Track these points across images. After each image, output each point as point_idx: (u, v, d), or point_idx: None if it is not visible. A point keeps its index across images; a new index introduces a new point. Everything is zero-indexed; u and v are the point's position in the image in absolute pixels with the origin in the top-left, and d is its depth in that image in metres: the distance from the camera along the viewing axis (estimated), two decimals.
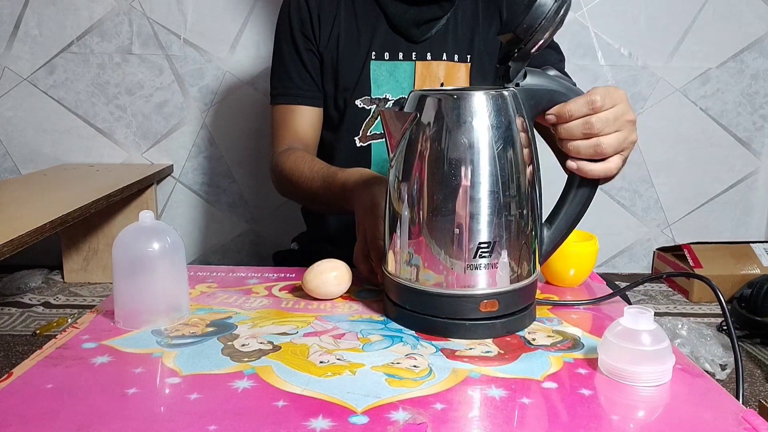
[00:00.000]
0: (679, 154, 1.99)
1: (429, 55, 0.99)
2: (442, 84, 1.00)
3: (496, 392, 0.50)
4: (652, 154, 1.99)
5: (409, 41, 0.98)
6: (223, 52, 1.85)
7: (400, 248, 0.63)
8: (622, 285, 0.76)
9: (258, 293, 0.74)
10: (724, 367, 1.38)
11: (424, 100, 0.59)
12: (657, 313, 1.06)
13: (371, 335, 0.62)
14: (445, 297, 0.60)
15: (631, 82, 1.92)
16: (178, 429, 0.44)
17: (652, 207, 2.04)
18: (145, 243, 0.62)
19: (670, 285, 1.99)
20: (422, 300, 0.61)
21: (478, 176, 0.58)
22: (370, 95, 0.98)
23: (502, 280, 0.60)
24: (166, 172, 1.91)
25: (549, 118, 0.62)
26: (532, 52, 0.59)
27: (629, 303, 0.81)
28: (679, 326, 1.49)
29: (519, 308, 0.62)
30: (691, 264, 1.91)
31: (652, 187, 2.02)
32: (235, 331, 0.62)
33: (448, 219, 0.59)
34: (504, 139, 0.58)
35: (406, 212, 0.61)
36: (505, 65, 0.61)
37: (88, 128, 1.91)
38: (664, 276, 0.92)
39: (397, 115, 0.60)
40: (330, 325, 0.64)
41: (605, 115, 0.61)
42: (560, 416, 0.47)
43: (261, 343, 0.59)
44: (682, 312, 1.77)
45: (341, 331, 0.63)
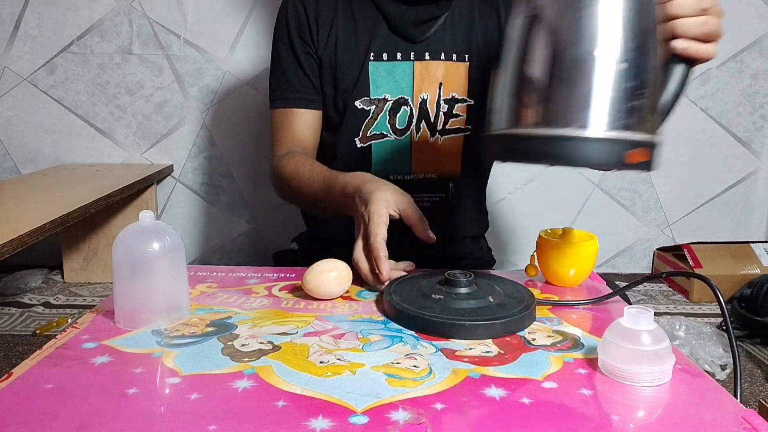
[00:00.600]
0: (679, 154, 1.99)
1: (427, 55, 0.99)
2: (441, 84, 1.00)
3: (496, 392, 0.50)
4: None
5: (408, 41, 0.98)
6: (223, 52, 1.85)
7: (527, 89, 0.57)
8: (622, 285, 0.76)
9: (258, 293, 0.74)
10: (724, 367, 1.38)
11: None
12: (657, 313, 1.06)
13: (371, 335, 0.62)
14: (593, 141, 0.54)
15: None
16: (178, 429, 0.44)
17: (652, 207, 2.04)
18: (145, 243, 0.62)
19: (670, 285, 1.99)
20: (555, 145, 0.55)
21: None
22: (369, 96, 0.98)
23: (650, 129, 0.56)
24: (166, 172, 1.91)
25: None
26: None
27: (629, 303, 0.81)
28: (678, 326, 1.49)
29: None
30: (691, 264, 1.91)
31: (652, 187, 2.02)
32: (235, 331, 0.62)
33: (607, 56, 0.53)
34: None
35: (548, 50, 0.55)
36: None
37: (88, 128, 1.91)
38: (664, 275, 0.91)
39: None
40: (330, 325, 0.64)
41: None
42: (560, 416, 0.47)
43: (261, 343, 0.59)
44: (682, 312, 1.77)
45: (341, 331, 0.63)
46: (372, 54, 0.97)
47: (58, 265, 1.94)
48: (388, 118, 1.00)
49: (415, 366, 0.55)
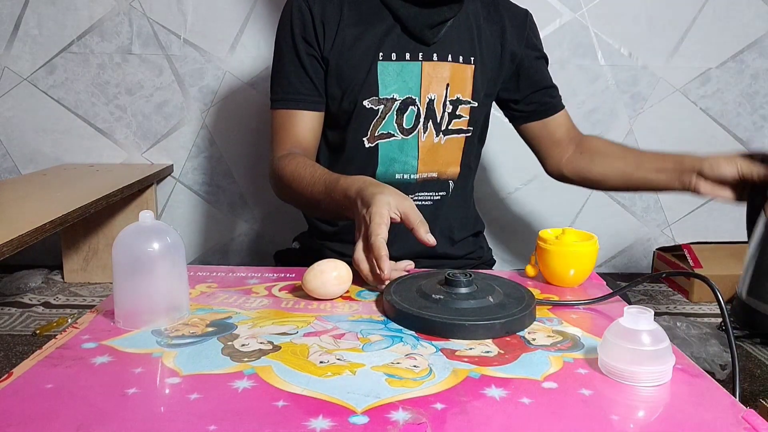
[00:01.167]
0: None
1: (435, 55, 0.99)
2: (448, 85, 1.00)
3: (496, 392, 0.50)
4: None
5: (421, 43, 0.98)
6: (223, 52, 1.85)
7: None
8: (622, 285, 0.76)
9: (258, 293, 0.74)
10: (724, 367, 1.38)
11: None
12: (657, 313, 1.06)
13: (371, 335, 0.62)
14: None
15: (631, 82, 1.92)
16: (178, 429, 0.44)
17: (652, 207, 2.04)
18: (145, 243, 0.62)
19: (670, 285, 1.99)
20: None
21: None
22: (377, 95, 0.98)
23: None
24: (166, 172, 1.91)
25: None
26: None
27: (629, 303, 0.81)
28: (679, 326, 1.49)
29: None
30: (691, 264, 1.90)
31: None
32: (235, 331, 0.62)
33: None
34: None
35: None
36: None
37: (88, 128, 1.91)
38: (664, 275, 0.91)
39: None
40: (330, 325, 0.64)
41: None
42: (560, 416, 0.47)
43: (261, 343, 0.59)
44: (682, 312, 1.77)
45: (341, 331, 0.63)
46: (381, 54, 0.97)
47: (58, 265, 1.94)
48: (396, 117, 0.99)
49: (415, 366, 0.55)
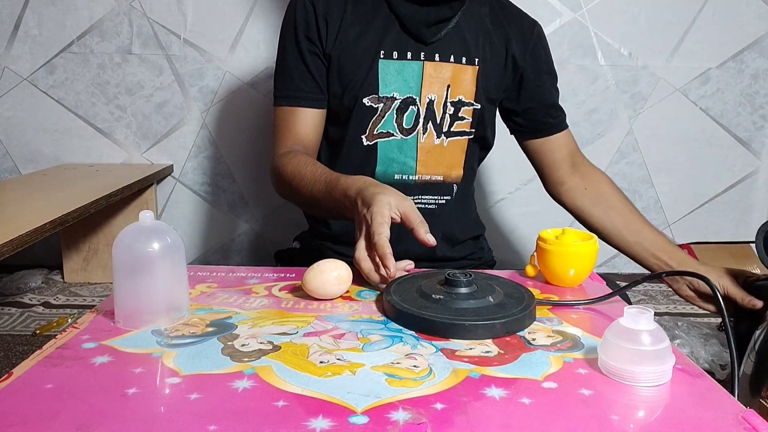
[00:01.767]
0: (679, 154, 1.99)
1: (437, 56, 0.99)
2: (449, 86, 1.00)
3: (496, 392, 0.50)
4: (652, 154, 1.99)
5: (419, 42, 0.98)
6: (223, 52, 1.85)
7: None
8: (622, 285, 0.76)
9: (258, 293, 0.74)
10: (724, 367, 1.38)
11: None
12: (657, 313, 1.06)
13: (371, 335, 0.62)
14: None
15: (631, 82, 1.92)
16: (178, 429, 0.44)
17: (652, 207, 2.04)
18: (145, 243, 0.62)
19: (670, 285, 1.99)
20: None
21: None
22: (377, 93, 0.98)
23: None
24: (166, 172, 1.91)
25: None
26: None
27: (629, 303, 0.81)
28: (679, 326, 1.49)
29: None
30: None
31: (652, 187, 2.02)
32: (235, 331, 0.62)
33: None
34: None
35: None
36: None
37: (88, 128, 1.91)
38: (664, 275, 0.92)
39: None
40: (330, 325, 0.64)
41: None
42: (560, 416, 0.47)
43: (261, 343, 0.59)
44: (682, 312, 1.77)
45: (341, 331, 0.63)
46: (382, 52, 0.97)
47: (58, 265, 1.94)
48: (396, 117, 0.99)
49: (415, 366, 0.55)
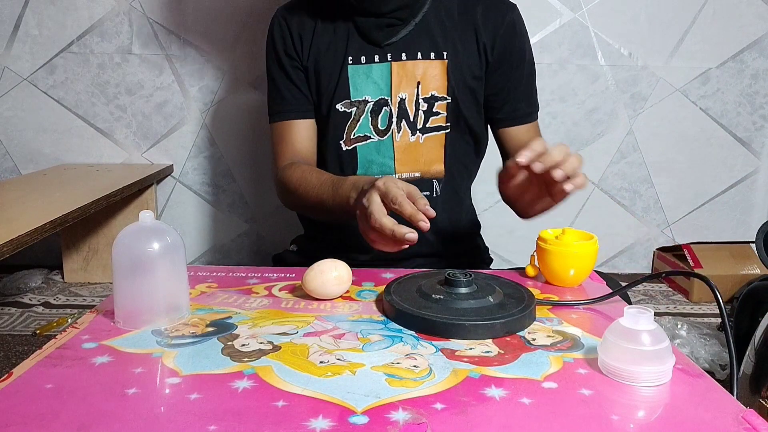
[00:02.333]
0: (679, 154, 1.99)
1: (404, 55, 1.00)
2: (419, 83, 1.00)
3: (496, 392, 0.50)
4: (652, 154, 1.99)
5: (375, 45, 1.00)
6: (223, 52, 1.85)
7: None
8: (622, 285, 0.76)
9: (258, 293, 0.74)
10: (724, 367, 1.38)
11: None
12: (657, 313, 1.06)
13: (371, 335, 0.62)
14: None
15: (631, 82, 1.92)
16: (178, 429, 0.44)
17: (652, 207, 2.04)
18: (145, 243, 0.62)
19: (670, 285, 1.99)
20: None
21: None
22: (350, 98, 1.01)
23: None
24: (166, 172, 1.91)
25: None
26: None
27: (629, 303, 0.81)
28: (679, 326, 1.49)
29: None
30: (691, 264, 1.90)
31: (652, 187, 2.02)
32: (235, 331, 0.62)
33: None
34: None
35: None
36: None
37: (88, 128, 1.91)
38: (664, 275, 0.91)
39: None
40: (330, 325, 0.64)
41: None
42: (560, 416, 0.47)
43: (261, 343, 0.59)
44: (682, 312, 1.77)
45: (341, 331, 0.63)
46: (350, 58, 1.00)
47: (58, 265, 1.94)
48: (371, 119, 1.02)
49: (415, 366, 0.55)
